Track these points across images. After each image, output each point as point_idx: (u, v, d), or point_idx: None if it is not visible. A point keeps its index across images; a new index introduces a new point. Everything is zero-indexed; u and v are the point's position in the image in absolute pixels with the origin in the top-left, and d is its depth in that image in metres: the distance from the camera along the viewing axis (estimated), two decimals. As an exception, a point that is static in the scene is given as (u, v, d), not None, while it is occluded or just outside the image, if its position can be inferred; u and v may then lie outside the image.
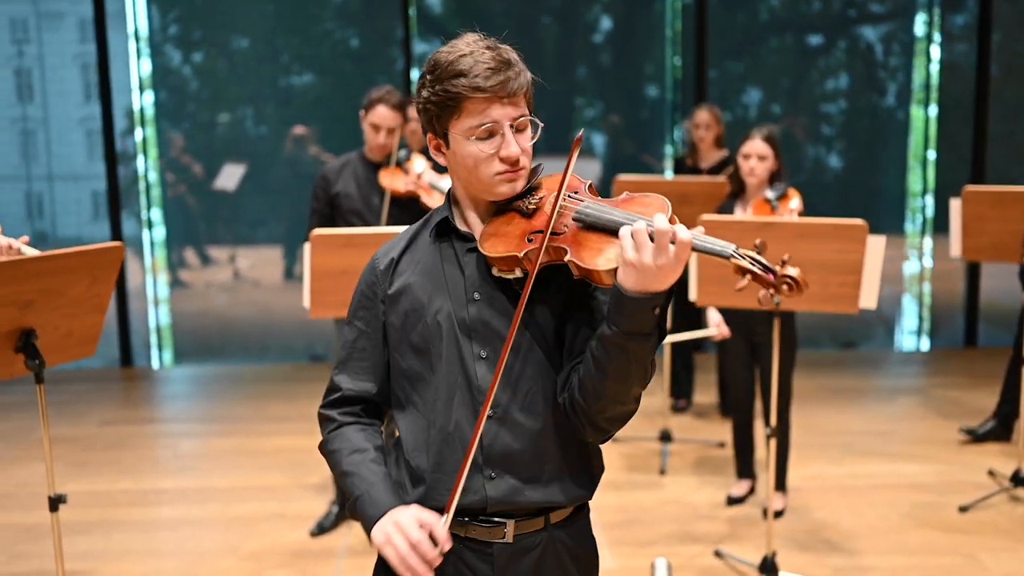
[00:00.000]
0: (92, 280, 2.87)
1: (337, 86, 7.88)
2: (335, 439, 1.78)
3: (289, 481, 4.82)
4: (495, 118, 1.62)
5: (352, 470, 1.71)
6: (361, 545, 4.09)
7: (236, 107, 7.86)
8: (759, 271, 1.46)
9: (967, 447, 5.14)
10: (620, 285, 1.48)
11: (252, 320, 8.10)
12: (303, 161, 7.54)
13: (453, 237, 1.75)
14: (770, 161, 4.03)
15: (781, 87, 8.58)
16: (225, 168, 7.70)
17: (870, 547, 3.99)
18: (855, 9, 8.54)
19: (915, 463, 4.92)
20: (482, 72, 1.59)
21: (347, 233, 3.36)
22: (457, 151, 1.66)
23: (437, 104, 1.64)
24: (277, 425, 5.72)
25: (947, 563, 3.84)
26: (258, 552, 4.06)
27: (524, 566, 1.71)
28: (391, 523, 1.60)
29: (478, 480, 1.68)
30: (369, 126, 3.98)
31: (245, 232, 8.13)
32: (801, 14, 8.38)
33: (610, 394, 1.56)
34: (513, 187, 1.66)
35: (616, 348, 1.51)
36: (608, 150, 7.91)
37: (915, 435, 5.32)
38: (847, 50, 8.58)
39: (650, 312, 1.48)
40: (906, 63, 8.14)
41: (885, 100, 8.56)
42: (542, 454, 1.69)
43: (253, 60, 7.81)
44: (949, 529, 4.15)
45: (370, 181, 4.07)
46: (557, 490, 1.71)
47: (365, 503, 1.66)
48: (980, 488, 4.54)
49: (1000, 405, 5.16)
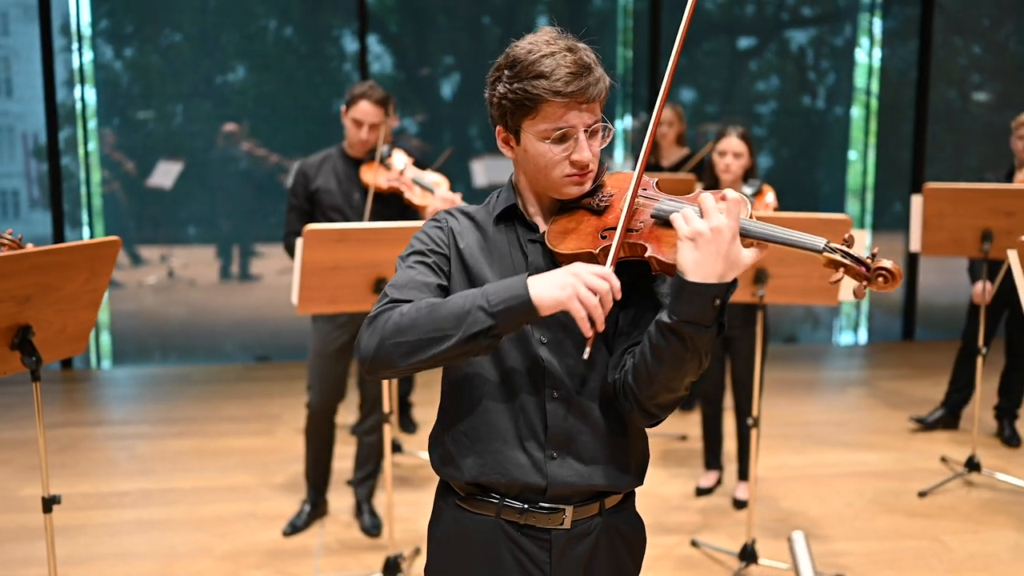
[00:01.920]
0: (90, 275, 2.80)
1: (276, 83, 7.74)
2: (404, 306, 1.59)
3: (256, 481, 4.75)
4: (571, 123, 1.62)
5: (444, 301, 1.57)
6: (337, 544, 4.06)
7: (170, 103, 7.66)
8: (852, 264, 1.48)
9: (917, 435, 5.34)
10: (681, 273, 1.50)
11: (189, 320, 7.93)
12: (235, 158, 7.41)
13: (516, 223, 1.75)
14: (745, 158, 4.12)
15: (715, 88, 8.76)
16: (161, 165, 7.52)
17: (840, 533, 4.11)
18: (787, 12, 8.77)
19: (872, 451, 5.09)
20: (563, 76, 1.59)
21: (340, 228, 3.33)
22: (528, 149, 1.67)
23: (514, 102, 1.63)
24: (234, 425, 5.62)
25: (915, 546, 3.99)
26: (233, 552, 3.99)
27: (580, 551, 1.74)
28: (567, 275, 1.51)
29: (540, 460, 1.69)
30: (351, 121, 3.94)
31: (177, 231, 7.94)
32: (734, 17, 8.56)
33: (663, 380, 1.58)
34: (580, 189, 1.69)
35: (675, 337, 1.52)
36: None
37: (869, 425, 5.50)
38: (778, 52, 8.81)
39: (710, 303, 1.49)
40: (835, 66, 8.40)
41: (815, 102, 8.82)
42: (602, 438, 1.72)
43: (188, 55, 7.63)
44: (912, 514, 4.31)
45: (350, 177, 4.03)
46: (614, 475, 1.74)
47: (499, 289, 1.53)
48: (935, 474, 4.73)
49: (949, 395, 5.37)
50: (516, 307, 1.51)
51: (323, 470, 4.24)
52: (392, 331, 1.55)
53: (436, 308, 1.54)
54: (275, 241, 8.28)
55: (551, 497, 1.71)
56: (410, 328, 1.53)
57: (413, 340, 1.53)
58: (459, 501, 1.76)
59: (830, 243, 1.50)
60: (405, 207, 4.07)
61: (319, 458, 4.20)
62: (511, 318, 1.52)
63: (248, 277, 7.95)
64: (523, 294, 1.51)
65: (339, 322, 4.04)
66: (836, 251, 1.49)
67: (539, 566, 1.73)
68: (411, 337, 1.53)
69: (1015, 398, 5.23)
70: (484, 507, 1.73)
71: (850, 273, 1.49)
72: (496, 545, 1.72)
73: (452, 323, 1.52)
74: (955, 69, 8.24)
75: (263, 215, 7.82)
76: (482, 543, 1.73)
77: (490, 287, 1.54)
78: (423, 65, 7.85)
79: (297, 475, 4.77)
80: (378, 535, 4.12)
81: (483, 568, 1.74)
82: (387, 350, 1.54)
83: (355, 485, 4.28)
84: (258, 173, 7.54)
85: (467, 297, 1.55)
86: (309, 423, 4.15)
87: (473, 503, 1.74)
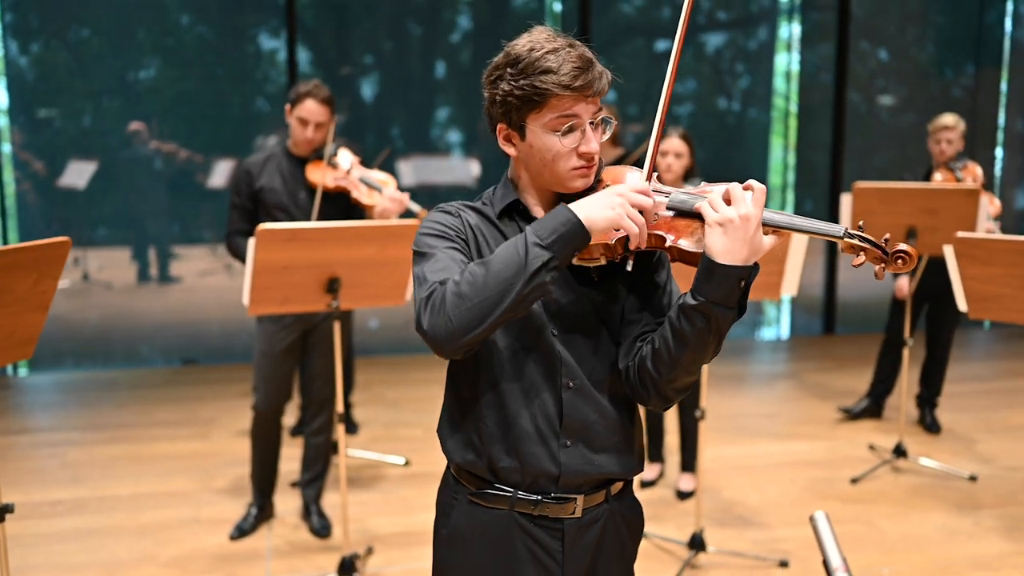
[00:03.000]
0: (39, 276, 2.73)
1: (192, 80, 7.57)
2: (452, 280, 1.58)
3: (195, 486, 4.67)
4: (579, 115, 1.67)
5: (492, 257, 1.57)
6: (287, 546, 4.02)
7: (80, 101, 7.44)
8: (872, 248, 1.58)
9: (844, 424, 5.54)
10: (709, 255, 1.57)
11: (107, 324, 7.72)
12: (149, 158, 7.24)
13: (518, 219, 1.78)
14: (686, 158, 4.22)
15: (634, 90, 8.91)
16: (73, 165, 7.31)
17: (779, 520, 4.25)
18: (703, 16, 8.97)
19: (803, 441, 5.27)
20: (571, 71, 1.64)
21: (293, 228, 3.31)
22: (534, 143, 1.70)
23: (520, 98, 1.66)
24: (167, 430, 5.51)
25: (850, 530, 4.15)
26: (179, 558, 3.92)
27: (589, 538, 1.79)
28: (612, 195, 1.57)
29: (554, 448, 1.73)
30: (296, 120, 3.91)
31: (91, 233, 7.72)
32: (652, 20, 8.73)
33: (685, 364, 1.64)
34: (586, 182, 1.72)
35: (701, 318, 1.59)
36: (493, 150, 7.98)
37: (798, 416, 5.69)
38: (694, 56, 9.01)
39: (736, 284, 1.56)
40: (750, 69, 8.64)
41: (732, 104, 9.04)
42: (611, 426, 1.77)
43: (98, 51, 7.41)
44: (846, 500, 4.48)
45: (295, 176, 4.00)
46: (621, 461, 1.79)
47: (545, 222, 1.56)
48: (864, 461, 4.92)
49: (873, 385, 5.58)
50: (569, 234, 1.54)
51: (270, 472, 4.19)
52: (454, 302, 1.54)
53: (489, 265, 1.55)
54: (194, 243, 8.14)
55: (563, 486, 1.75)
56: (472, 292, 1.54)
57: (479, 301, 1.53)
58: (472, 496, 1.78)
59: (849, 229, 1.59)
60: (351, 206, 4.05)
61: (265, 460, 4.16)
62: (566, 246, 1.55)
63: (168, 279, 7.78)
64: (573, 218, 1.54)
65: (285, 323, 4.00)
66: (855, 236, 1.58)
67: (552, 555, 1.78)
68: (476, 299, 1.53)
69: (935, 387, 5.47)
70: (498, 501, 1.76)
71: (870, 256, 1.58)
72: (510, 538, 1.76)
73: (512, 271, 1.53)
74: (862, 73, 8.55)
75: (180, 215, 7.66)
76: (496, 537, 1.77)
77: (531, 227, 1.57)
78: (343, 64, 7.78)
79: (239, 479, 4.71)
80: (328, 536, 4.10)
81: (498, 562, 1.77)
82: (456, 322, 1.53)
83: (303, 487, 4.25)
84: (172, 172, 7.37)
85: (513, 244, 1.56)
86: (255, 425, 4.09)
87: (487, 497, 1.77)
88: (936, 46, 8.75)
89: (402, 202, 3.92)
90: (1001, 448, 5.17)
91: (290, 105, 3.93)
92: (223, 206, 7.55)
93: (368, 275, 3.51)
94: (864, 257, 1.59)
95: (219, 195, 7.40)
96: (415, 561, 3.89)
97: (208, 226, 7.78)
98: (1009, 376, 6.81)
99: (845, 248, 1.60)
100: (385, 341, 7.56)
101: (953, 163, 5.11)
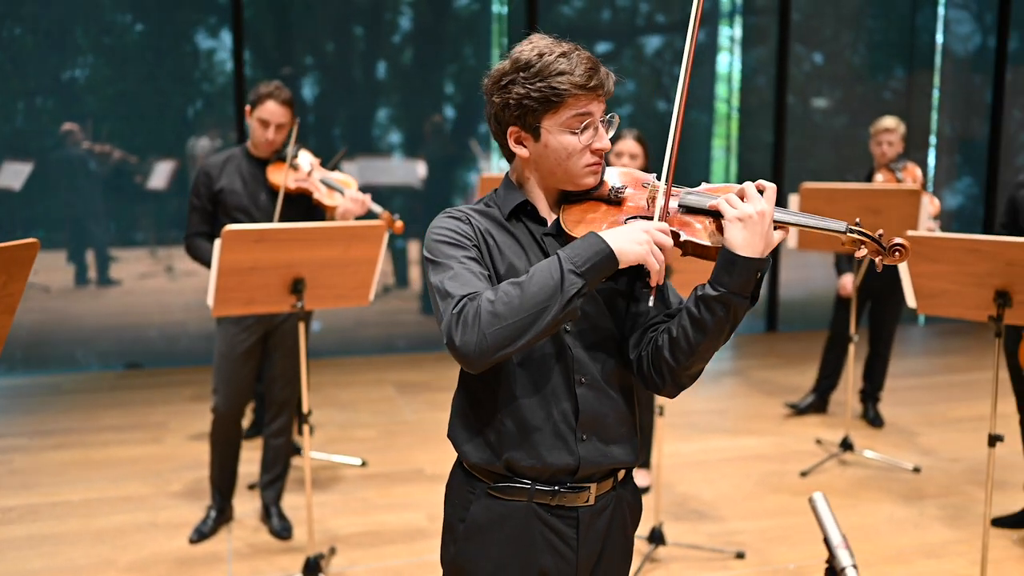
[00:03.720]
0: (7, 279, 2.68)
1: (130, 80, 7.41)
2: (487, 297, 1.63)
3: (150, 490, 4.61)
4: (593, 113, 1.75)
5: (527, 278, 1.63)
6: (248, 548, 4.01)
7: (12, 101, 7.26)
8: (871, 242, 1.70)
9: (791, 420, 5.69)
10: (730, 248, 1.66)
11: (45, 329, 7.54)
12: (84, 159, 7.11)
13: (525, 220, 1.84)
14: (640, 160, 4.30)
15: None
16: (7, 166, 7.15)
17: (733, 514, 4.36)
18: (642, 19, 9.11)
19: (752, 436, 5.40)
20: (584, 72, 1.72)
21: (260, 229, 3.30)
22: (550, 143, 1.76)
23: (537, 99, 1.73)
24: (118, 435, 5.43)
25: (802, 522, 4.27)
26: (139, 563, 3.88)
27: (600, 524, 1.87)
28: (639, 232, 1.66)
29: (572, 442, 1.80)
30: (257, 121, 3.89)
31: (25, 236, 7.51)
32: (591, 22, 8.83)
33: (702, 352, 1.73)
34: (596, 178, 1.80)
35: (721, 307, 1.68)
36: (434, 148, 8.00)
37: (746, 412, 5.82)
38: (633, 57, 9.14)
39: (754, 275, 1.67)
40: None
41: (671, 106, 9.17)
42: (620, 418, 1.86)
43: (32, 50, 7.24)
44: (796, 492, 4.61)
45: (256, 177, 3.98)
46: (629, 450, 1.88)
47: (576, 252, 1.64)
48: (812, 455, 5.06)
49: (819, 381, 5.74)
50: (601, 263, 1.63)
51: (229, 475, 4.17)
52: (489, 320, 1.60)
53: (525, 287, 1.62)
54: (133, 245, 7.99)
55: (579, 478, 1.83)
56: (507, 312, 1.60)
57: (515, 322, 1.60)
58: (491, 490, 1.84)
59: (850, 225, 1.71)
60: (311, 207, 4.05)
61: (225, 463, 4.13)
62: (596, 274, 1.64)
63: (107, 282, 7.64)
64: (606, 249, 1.63)
65: (246, 324, 3.98)
66: (855, 232, 1.70)
67: (567, 542, 1.84)
68: (512, 319, 1.60)
69: (878, 382, 5.65)
70: (517, 493, 1.82)
71: (870, 249, 1.71)
72: (529, 528, 1.82)
73: (548, 294, 1.61)
74: (798, 76, 8.76)
75: (118, 217, 7.53)
76: (515, 528, 1.82)
77: (563, 252, 1.64)
78: (284, 64, 7.71)
79: (194, 482, 4.67)
80: (289, 537, 4.09)
81: (517, 552, 1.83)
82: (491, 340, 1.60)
83: (262, 488, 4.23)
84: (109, 173, 7.24)
85: (547, 268, 1.63)
86: (215, 427, 4.07)
87: (506, 491, 1.82)
88: (869, 50, 9.01)
89: (364, 203, 3.93)
90: (941, 440, 5.36)
91: (250, 107, 3.91)
92: (162, 208, 7.44)
93: (332, 276, 3.52)
94: (866, 250, 1.71)
95: (159, 197, 7.29)
96: (378, 560, 3.90)
97: (147, 228, 7.65)
98: (946, 371, 7.05)
99: (847, 242, 1.72)
100: (329, 343, 7.52)
101: (894, 164, 5.29)
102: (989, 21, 8.84)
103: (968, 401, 6.10)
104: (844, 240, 1.72)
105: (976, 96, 8.89)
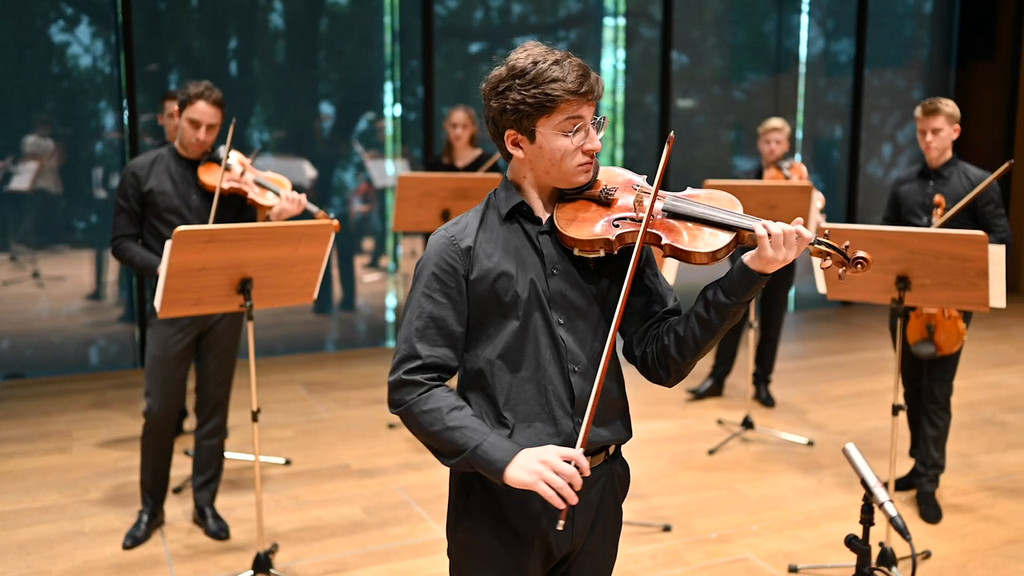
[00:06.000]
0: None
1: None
2: (428, 400, 1.89)
3: (68, 499, 4.51)
4: (583, 116, 1.90)
5: (460, 424, 1.86)
6: (187, 550, 3.99)
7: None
8: (835, 252, 1.87)
9: (692, 404, 6.03)
10: (750, 268, 1.85)
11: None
12: None
13: (520, 219, 1.98)
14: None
15: (450, 91, 9.14)
16: None
17: (655, 491, 4.62)
18: (515, 18, 9.34)
19: (659, 420, 5.70)
20: (576, 78, 1.87)
21: (211, 229, 3.32)
22: (544, 145, 1.91)
23: (531, 105, 1.87)
24: (20, 446, 5.25)
25: (717, 496, 4.57)
26: (74, 571, 3.81)
27: (593, 494, 2.04)
28: (536, 462, 1.79)
29: (568, 426, 1.95)
30: (187, 122, 3.87)
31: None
32: (462, 22, 8.96)
33: (705, 348, 1.94)
34: (588, 176, 1.95)
35: (731, 315, 1.90)
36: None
37: (650, 397, 6.11)
38: (506, 56, 9.35)
39: (760, 286, 1.88)
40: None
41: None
42: (611, 402, 2.02)
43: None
44: (707, 469, 4.91)
45: (187, 178, 3.96)
46: (620, 430, 2.05)
47: (489, 450, 1.83)
48: (716, 435, 5.39)
49: (715, 367, 6.09)
50: (489, 472, 1.85)
51: (162, 478, 4.13)
52: (416, 425, 1.91)
53: (450, 433, 1.87)
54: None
55: None
56: (429, 433, 1.90)
57: (427, 442, 1.93)
58: None
59: (817, 237, 1.89)
60: (243, 208, 4.06)
61: (158, 466, 4.09)
62: (485, 469, 1.85)
63: (-32, 291, 7.28)
64: (500, 470, 1.82)
65: (181, 324, 3.96)
66: (821, 243, 1.89)
67: None
68: (426, 440, 1.92)
69: (768, 365, 6.04)
70: None
71: (835, 260, 1.88)
72: (531, 499, 1.94)
73: (453, 452, 1.88)
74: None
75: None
76: (516, 498, 1.96)
77: (487, 444, 1.85)
78: (151, 62, 7.48)
79: (113, 488, 4.59)
80: (227, 538, 4.09)
81: (519, 521, 1.97)
82: (414, 431, 1.93)
83: (196, 490, 4.21)
84: None
85: (469, 438, 1.86)
86: (148, 430, 4.02)
87: None
88: (732, 53, 9.49)
89: (300, 202, 3.96)
90: (828, 416, 5.80)
91: (179, 107, 3.89)
92: (22, 210, 7.11)
93: (279, 275, 3.57)
94: (831, 261, 1.89)
95: (19, 198, 6.97)
96: (321, 554, 3.96)
97: (6, 233, 7.29)
98: (822, 353, 7.57)
99: (814, 252, 1.90)
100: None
101: (781, 162, 5.68)
102: (830, 27, 9.49)
103: (846, 380, 6.58)
104: (811, 251, 1.90)
105: (823, 98, 9.52)
